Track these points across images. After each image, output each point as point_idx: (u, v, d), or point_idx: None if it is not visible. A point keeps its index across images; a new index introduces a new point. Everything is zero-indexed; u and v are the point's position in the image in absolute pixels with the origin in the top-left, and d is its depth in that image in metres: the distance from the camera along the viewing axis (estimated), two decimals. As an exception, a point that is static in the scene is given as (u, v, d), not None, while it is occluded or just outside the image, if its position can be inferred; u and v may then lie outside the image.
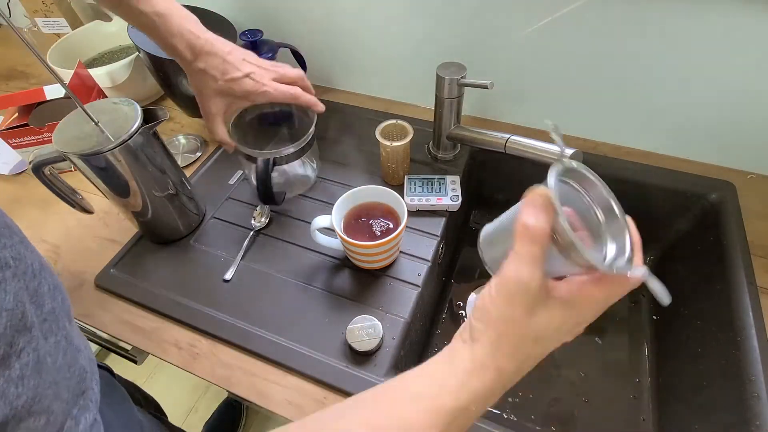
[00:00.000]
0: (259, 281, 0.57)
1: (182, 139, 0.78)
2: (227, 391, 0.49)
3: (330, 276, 0.58)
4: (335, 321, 0.53)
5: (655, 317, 0.67)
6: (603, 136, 0.71)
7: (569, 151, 0.47)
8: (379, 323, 0.50)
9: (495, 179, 0.79)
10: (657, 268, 0.71)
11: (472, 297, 0.74)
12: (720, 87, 0.59)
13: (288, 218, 0.64)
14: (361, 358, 0.50)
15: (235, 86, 0.53)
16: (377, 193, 0.56)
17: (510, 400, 0.63)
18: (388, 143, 0.60)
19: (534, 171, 0.72)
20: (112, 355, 0.63)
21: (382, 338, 0.50)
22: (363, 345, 0.49)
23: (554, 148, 0.50)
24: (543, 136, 0.74)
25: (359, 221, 0.57)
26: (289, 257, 0.60)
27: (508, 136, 0.56)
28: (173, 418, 1.28)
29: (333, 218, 0.53)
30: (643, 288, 0.25)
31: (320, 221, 0.54)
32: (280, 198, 0.62)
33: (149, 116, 0.53)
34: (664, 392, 0.61)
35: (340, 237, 0.52)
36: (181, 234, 0.63)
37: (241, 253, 0.60)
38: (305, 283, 0.57)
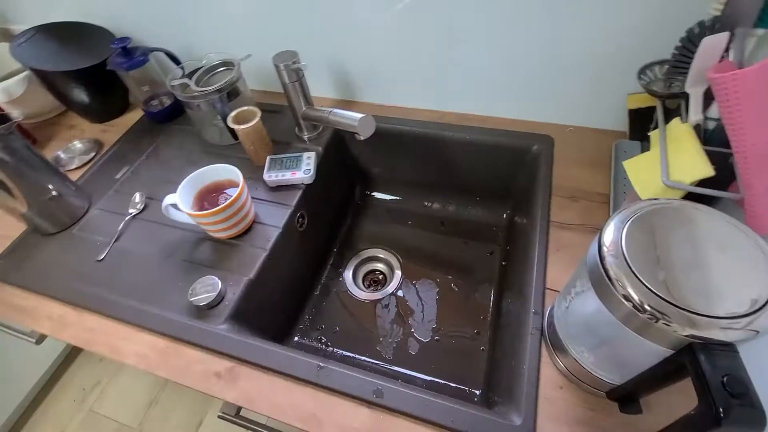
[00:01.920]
0: (128, 259, 0.65)
1: (78, 144, 0.85)
2: (86, 349, 0.56)
3: (192, 248, 0.65)
4: (187, 284, 0.60)
5: (503, 263, 0.75)
6: (448, 106, 0.79)
7: (358, 116, 0.54)
8: (219, 281, 0.58)
9: (363, 153, 0.86)
10: (511, 221, 0.79)
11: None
12: (542, 50, 0.65)
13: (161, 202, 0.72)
14: (202, 312, 0.57)
15: None
16: (220, 170, 0.64)
17: (370, 344, 0.71)
18: (237, 126, 0.68)
19: (394, 142, 0.81)
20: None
21: (219, 293, 0.57)
22: (201, 300, 0.56)
23: (351, 114, 0.58)
24: (399, 111, 0.81)
25: (210, 196, 0.64)
26: (159, 236, 0.67)
27: (330, 109, 0.63)
28: (134, 413, 1.36)
29: (178, 195, 0.61)
30: (498, 239, 0.31)
31: (169, 198, 0.61)
32: None
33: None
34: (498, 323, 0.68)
35: (184, 211, 0.60)
36: (66, 225, 0.70)
37: (114, 236, 0.67)
38: (168, 256, 0.64)
